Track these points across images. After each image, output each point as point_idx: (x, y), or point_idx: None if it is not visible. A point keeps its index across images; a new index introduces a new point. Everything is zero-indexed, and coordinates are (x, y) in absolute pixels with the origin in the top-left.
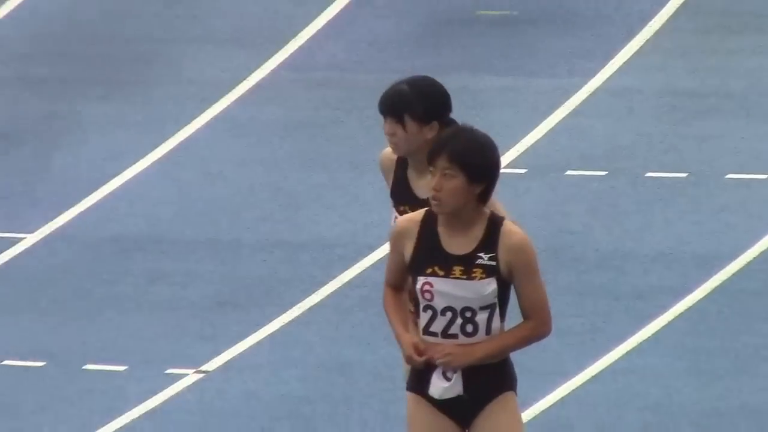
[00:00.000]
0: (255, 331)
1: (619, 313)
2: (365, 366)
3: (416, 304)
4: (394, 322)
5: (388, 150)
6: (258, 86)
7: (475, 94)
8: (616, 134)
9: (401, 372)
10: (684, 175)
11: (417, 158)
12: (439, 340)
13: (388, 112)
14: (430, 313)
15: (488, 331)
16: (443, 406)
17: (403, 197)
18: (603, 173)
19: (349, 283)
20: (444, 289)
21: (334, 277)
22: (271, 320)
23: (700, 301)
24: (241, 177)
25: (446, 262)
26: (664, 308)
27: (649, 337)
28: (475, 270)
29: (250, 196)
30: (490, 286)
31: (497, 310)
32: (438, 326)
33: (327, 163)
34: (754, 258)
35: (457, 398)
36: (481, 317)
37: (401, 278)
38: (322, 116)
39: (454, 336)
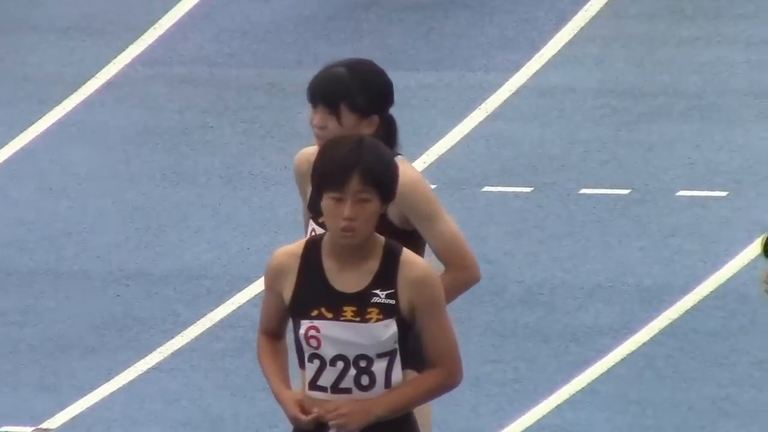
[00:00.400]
0: (107, 381)
1: (547, 358)
2: (240, 422)
3: (300, 354)
4: (271, 376)
5: (308, 151)
6: (109, 84)
7: None
8: (543, 142)
9: None
10: (626, 191)
11: None
12: (328, 395)
13: (321, 99)
14: (317, 363)
15: (387, 383)
16: None
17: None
18: (528, 189)
19: (221, 322)
20: (333, 334)
21: (203, 315)
22: (126, 367)
23: (645, 343)
24: (89, 194)
25: (335, 301)
26: (603, 352)
27: (584, 387)
28: (370, 310)
29: (101, 217)
30: (389, 329)
31: (398, 358)
32: (327, 379)
33: (194, 176)
34: (711, 292)
35: None
36: (379, 367)
37: (279, 323)
38: (187, 120)
39: (347, 390)
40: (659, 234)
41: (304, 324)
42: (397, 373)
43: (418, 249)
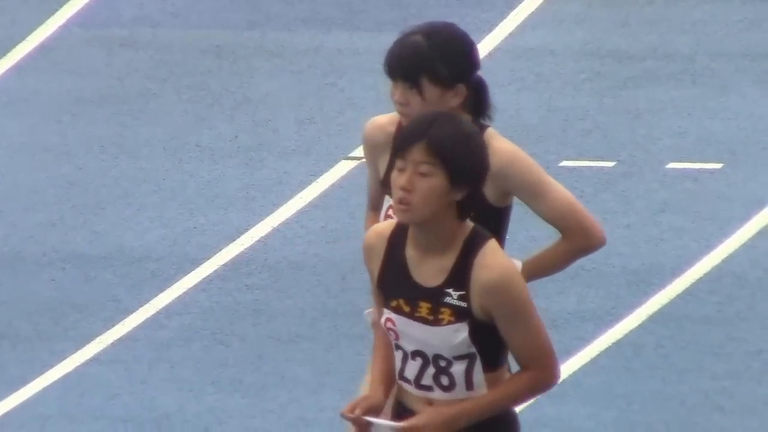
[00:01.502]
0: (42, 373)
1: None
2: (188, 419)
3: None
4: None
5: (381, 119)
6: (42, 48)
7: (332, 57)
8: (520, 110)
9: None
10: (611, 164)
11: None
12: (413, 389)
13: (401, 74)
14: (401, 354)
15: (469, 386)
16: None
17: None
18: None
19: (166, 309)
20: (408, 331)
21: (146, 301)
22: (62, 358)
23: (633, 331)
24: (20, 168)
25: (413, 294)
26: (586, 341)
27: (565, 378)
28: (443, 311)
29: (33, 193)
30: (460, 333)
31: (477, 361)
32: (410, 372)
33: (135, 148)
34: (704, 275)
35: None
36: (458, 369)
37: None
38: (127, 87)
39: (429, 388)
40: (647, 210)
41: (385, 313)
42: (478, 377)
43: (502, 227)
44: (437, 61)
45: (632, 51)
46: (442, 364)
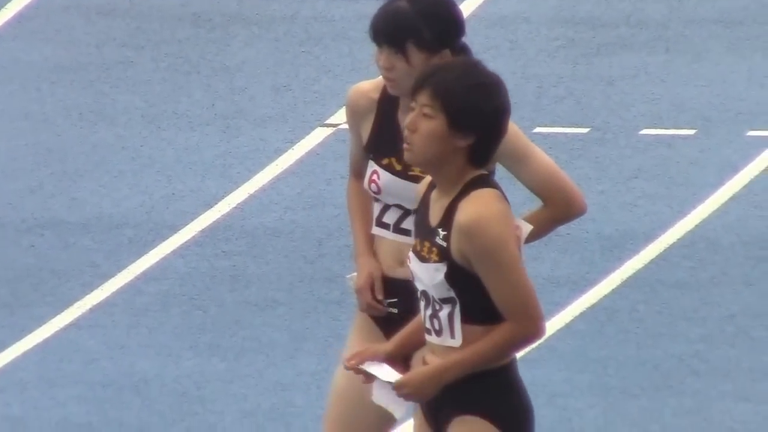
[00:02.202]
0: (20, 339)
1: None
2: (166, 383)
3: None
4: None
5: (365, 86)
6: (20, 17)
7: (308, 25)
8: None
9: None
10: (585, 130)
11: None
12: (424, 335)
13: (385, 39)
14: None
15: (452, 333)
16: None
17: (388, 147)
18: None
19: (144, 274)
20: (415, 270)
21: (124, 267)
22: (41, 323)
23: (607, 296)
24: None
25: (423, 234)
26: (560, 306)
27: (540, 343)
28: (432, 249)
29: (12, 161)
30: (439, 273)
31: (458, 308)
32: (423, 316)
33: (113, 116)
34: (678, 240)
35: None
36: (443, 313)
37: None
38: (105, 55)
39: (428, 331)
40: (621, 176)
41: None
42: (458, 325)
43: None
44: (423, 26)
45: (605, 18)
46: (436, 306)
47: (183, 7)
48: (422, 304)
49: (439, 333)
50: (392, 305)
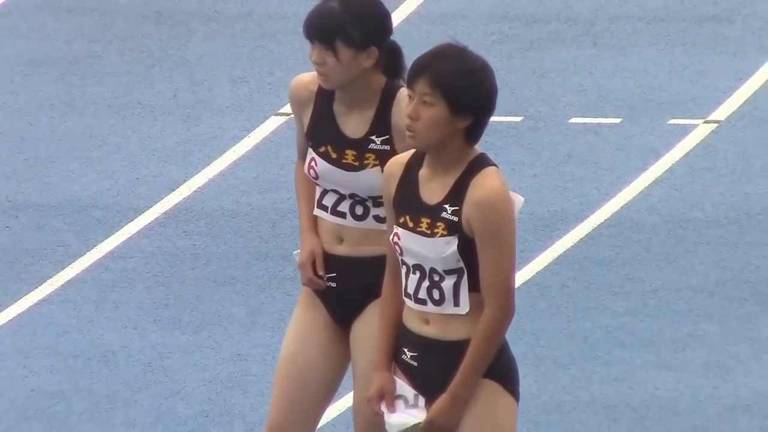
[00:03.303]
0: None
1: None
2: (132, 354)
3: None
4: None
5: (305, 78)
6: None
7: (263, 21)
8: None
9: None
10: (518, 119)
11: (349, 91)
12: (413, 304)
13: (316, 36)
14: (405, 269)
15: (456, 301)
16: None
17: (326, 136)
18: None
19: (112, 253)
20: (409, 246)
21: (93, 246)
22: (16, 299)
23: (539, 273)
24: None
25: (417, 210)
26: None
27: None
28: (438, 224)
29: None
30: (450, 246)
31: (465, 277)
32: (411, 287)
33: (82, 106)
34: (605, 220)
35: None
36: (447, 283)
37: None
38: (74, 50)
39: (423, 302)
40: (552, 161)
41: (393, 230)
42: (464, 293)
43: None
44: (350, 25)
45: (537, 15)
46: (436, 278)
47: (146, 6)
48: (414, 277)
49: (438, 302)
50: (331, 279)
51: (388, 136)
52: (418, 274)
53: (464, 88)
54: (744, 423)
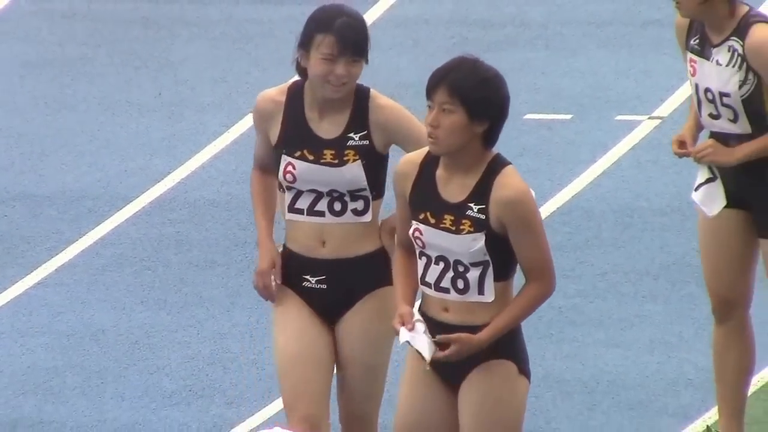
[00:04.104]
0: None
1: None
2: (121, 333)
3: (415, 249)
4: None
5: (270, 92)
6: None
7: (241, 26)
8: (399, 70)
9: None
10: None
11: (320, 95)
12: (432, 292)
13: (355, 49)
14: (424, 260)
15: (481, 290)
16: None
17: (301, 141)
18: None
19: (102, 240)
20: (432, 240)
21: (84, 233)
22: (13, 282)
23: None
24: None
25: (439, 209)
26: None
27: None
28: (464, 221)
29: None
30: (477, 242)
31: (490, 269)
32: (431, 276)
33: (74, 104)
34: (558, 208)
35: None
36: (473, 275)
37: (404, 229)
38: (67, 52)
39: (446, 290)
40: (508, 155)
41: (413, 225)
42: (489, 283)
43: (384, 171)
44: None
45: (494, 20)
46: (461, 269)
47: (134, 11)
48: (436, 267)
49: (463, 291)
50: (320, 282)
51: (366, 132)
52: (441, 264)
53: (481, 94)
54: (687, 396)
